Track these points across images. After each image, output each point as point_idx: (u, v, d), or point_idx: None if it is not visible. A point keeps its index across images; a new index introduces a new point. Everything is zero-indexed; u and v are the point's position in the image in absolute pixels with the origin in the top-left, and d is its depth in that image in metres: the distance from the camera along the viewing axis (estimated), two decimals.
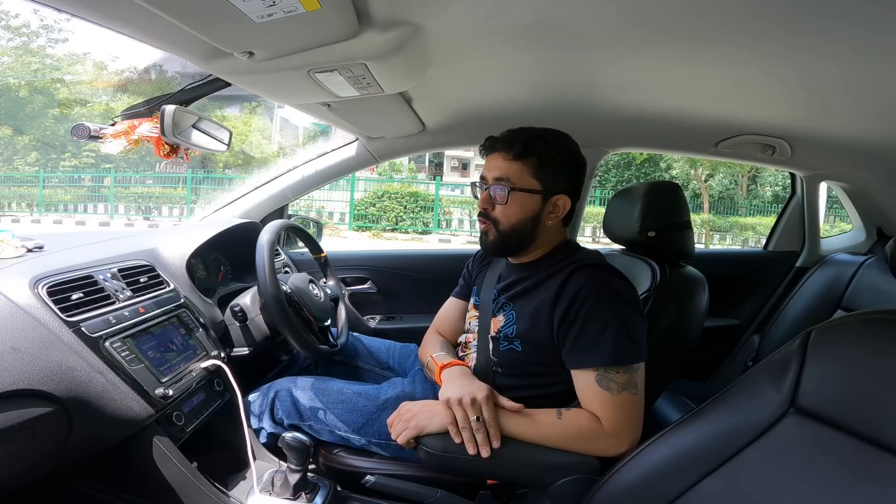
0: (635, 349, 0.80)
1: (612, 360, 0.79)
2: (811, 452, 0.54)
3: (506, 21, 0.76)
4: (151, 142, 0.95)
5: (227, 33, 0.69)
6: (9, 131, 11.77)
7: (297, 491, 0.90)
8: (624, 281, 0.86)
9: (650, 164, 12.69)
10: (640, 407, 0.81)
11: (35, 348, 0.66)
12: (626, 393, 0.79)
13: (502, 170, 0.88)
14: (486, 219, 0.91)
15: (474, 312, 1.03)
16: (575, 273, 0.85)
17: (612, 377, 0.79)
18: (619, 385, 0.79)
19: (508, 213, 0.88)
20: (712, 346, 1.82)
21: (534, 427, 0.81)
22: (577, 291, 0.82)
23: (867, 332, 0.56)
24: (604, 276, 0.85)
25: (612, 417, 0.78)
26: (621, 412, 0.78)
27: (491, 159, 0.90)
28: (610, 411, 0.79)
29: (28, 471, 0.68)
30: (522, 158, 0.87)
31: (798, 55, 0.79)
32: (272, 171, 1.57)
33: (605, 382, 0.79)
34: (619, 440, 0.78)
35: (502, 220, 0.89)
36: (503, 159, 0.88)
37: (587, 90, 1.13)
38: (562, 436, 0.79)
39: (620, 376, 0.79)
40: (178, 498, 0.83)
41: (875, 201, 1.70)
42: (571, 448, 0.79)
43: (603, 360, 0.79)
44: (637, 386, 0.80)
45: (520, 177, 0.87)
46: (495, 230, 0.90)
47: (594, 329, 0.80)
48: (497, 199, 0.88)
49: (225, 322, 1.10)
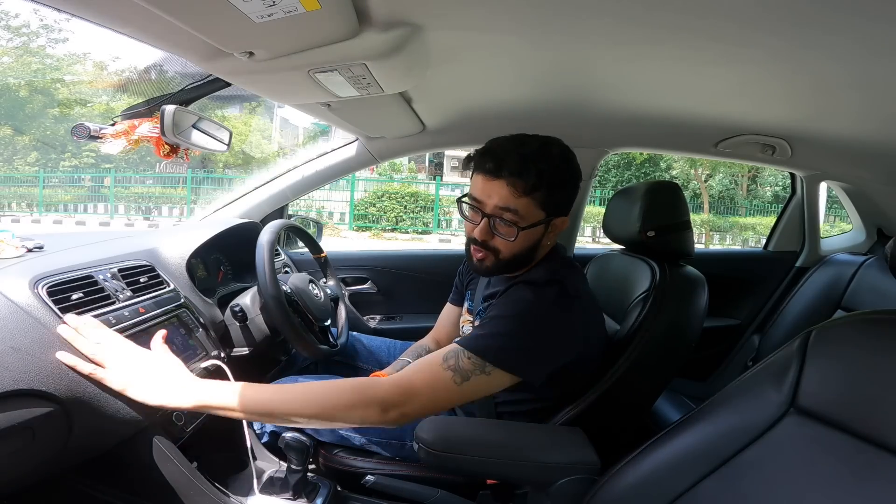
0: (504, 354, 0.75)
1: (477, 346, 0.75)
2: (811, 453, 0.54)
3: (506, 21, 0.76)
4: (151, 142, 0.95)
5: (227, 33, 0.69)
6: (9, 131, 11.77)
7: (297, 491, 0.90)
8: (563, 301, 0.80)
9: (650, 164, 12.69)
10: (442, 399, 0.74)
11: (35, 348, 0.66)
12: (450, 374, 0.73)
13: (508, 202, 0.78)
14: (485, 248, 0.83)
15: (468, 317, 1.04)
16: (514, 286, 0.83)
17: (462, 357, 0.74)
18: (458, 366, 0.73)
19: (512, 246, 0.82)
20: (712, 346, 1.82)
21: (281, 393, 0.75)
22: (500, 298, 0.82)
23: (867, 332, 0.56)
24: (531, 291, 0.80)
25: (403, 382, 0.73)
26: (421, 384, 0.73)
27: (492, 185, 0.79)
28: (412, 377, 0.74)
29: (28, 471, 0.68)
30: (532, 193, 0.78)
31: (798, 55, 0.78)
32: (272, 171, 1.57)
33: (450, 356, 0.75)
34: (386, 408, 0.71)
35: (504, 251, 0.83)
36: (511, 193, 0.78)
37: (587, 90, 1.13)
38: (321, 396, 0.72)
39: (469, 362, 0.74)
40: (178, 498, 0.83)
41: (875, 201, 1.70)
42: (333, 414, 0.72)
43: (470, 343, 0.76)
44: (468, 382, 0.73)
45: (528, 211, 0.79)
46: (494, 258, 0.84)
47: (486, 320, 0.79)
48: (500, 232, 0.81)
49: (225, 322, 1.10)
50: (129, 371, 0.70)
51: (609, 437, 0.88)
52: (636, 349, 0.95)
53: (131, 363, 0.71)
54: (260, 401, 0.72)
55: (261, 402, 0.72)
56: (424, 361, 0.78)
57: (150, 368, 0.72)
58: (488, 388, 0.76)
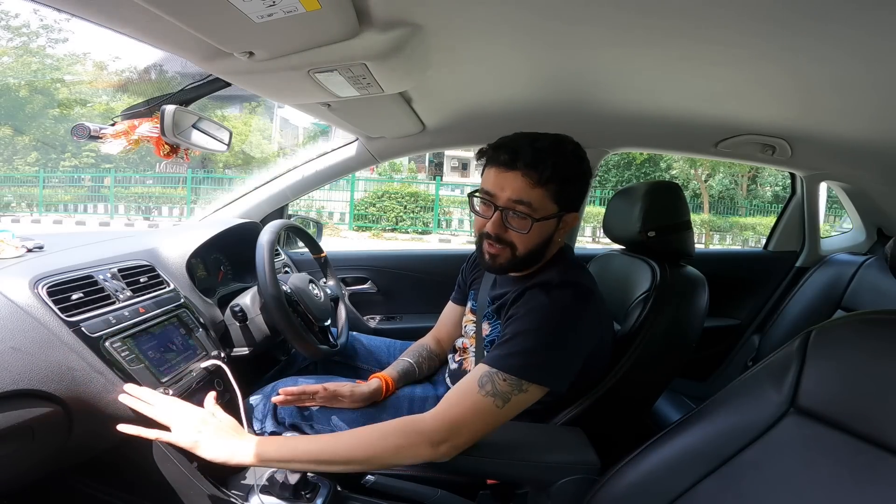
0: (537, 371, 0.75)
1: (509, 367, 0.74)
2: (811, 453, 0.54)
3: (506, 21, 0.76)
4: (151, 142, 0.95)
5: (227, 33, 0.69)
6: (9, 131, 11.77)
7: (297, 491, 0.90)
8: (574, 302, 0.80)
9: (650, 164, 12.69)
10: (488, 424, 0.74)
11: (35, 348, 0.66)
12: (491, 399, 0.73)
13: (522, 194, 0.79)
14: (499, 242, 0.83)
15: (471, 316, 1.03)
16: (528, 291, 0.82)
17: (498, 380, 0.74)
18: (495, 390, 0.73)
19: (526, 240, 0.82)
20: (712, 346, 1.82)
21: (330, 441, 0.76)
22: (518, 308, 0.81)
23: (867, 333, 0.56)
24: (548, 296, 0.80)
25: (447, 416, 0.73)
26: (465, 414, 0.73)
27: (506, 178, 0.79)
28: (454, 409, 0.73)
29: (28, 471, 0.68)
30: (546, 184, 0.79)
31: (799, 55, 0.79)
32: (272, 171, 1.57)
33: (485, 380, 0.74)
34: (438, 447, 0.71)
35: (519, 245, 0.83)
36: (526, 183, 0.78)
37: (587, 90, 1.13)
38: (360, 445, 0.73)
39: (505, 384, 0.74)
40: (178, 498, 0.83)
41: (875, 201, 1.70)
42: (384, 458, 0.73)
43: (501, 363, 0.75)
44: (509, 403, 0.73)
45: (541, 203, 0.80)
46: (510, 254, 0.83)
47: (510, 335, 0.78)
48: (514, 225, 0.81)
49: (225, 322, 1.10)
50: (194, 431, 0.73)
51: (609, 437, 0.88)
52: (637, 349, 0.95)
53: (195, 423, 0.74)
54: (313, 451, 0.74)
55: (314, 452, 0.74)
56: (461, 391, 0.76)
57: (213, 427, 0.75)
58: (526, 403, 0.76)
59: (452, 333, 1.15)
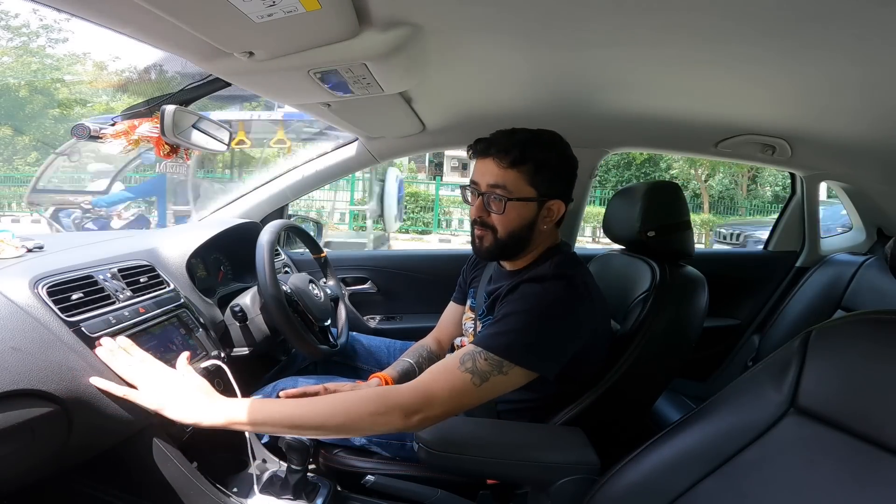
0: (521, 350, 0.76)
1: (493, 345, 0.75)
2: (811, 453, 0.54)
3: (506, 21, 0.76)
4: (151, 142, 0.95)
5: (227, 33, 0.69)
6: (9, 131, 11.76)
7: (297, 491, 0.90)
8: (566, 292, 0.82)
9: (650, 164, 12.69)
10: (463, 401, 0.75)
11: (35, 348, 0.66)
12: (469, 376, 0.74)
13: (497, 177, 0.85)
14: (483, 226, 0.89)
15: (470, 314, 1.04)
16: (522, 284, 0.84)
17: (479, 359, 0.75)
18: (475, 368, 0.74)
19: (505, 221, 0.87)
20: (712, 346, 1.82)
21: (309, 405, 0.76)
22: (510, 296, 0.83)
23: (867, 332, 0.56)
24: (540, 286, 0.82)
25: (423, 388, 0.74)
26: (441, 388, 0.73)
27: (483, 164, 0.87)
28: (431, 382, 0.74)
29: (28, 471, 0.68)
30: (518, 166, 0.84)
31: (798, 55, 0.79)
32: (272, 171, 1.58)
33: (466, 358, 0.75)
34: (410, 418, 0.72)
35: (499, 227, 0.88)
36: (498, 166, 0.85)
37: (587, 90, 1.13)
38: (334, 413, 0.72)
39: (485, 363, 0.75)
40: (178, 498, 0.83)
41: (875, 201, 1.70)
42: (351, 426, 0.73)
43: (486, 342, 0.77)
44: (487, 382, 0.74)
45: (515, 185, 0.85)
46: (492, 237, 0.88)
47: (499, 317, 0.80)
48: (493, 208, 0.86)
49: (225, 322, 1.10)
50: (162, 392, 0.72)
51: (609, 437, 0.88)
52: (636, 349, 0.95)
53: (164, 384, 0.73)
54: (286, 414, 0.73)
55: (287, 415, 0.73)
56: (442, 365, 0.78)
57: (182, 389, 0.74)
58: (505, 386, 0.77)
59: (453, 333, 1.15)
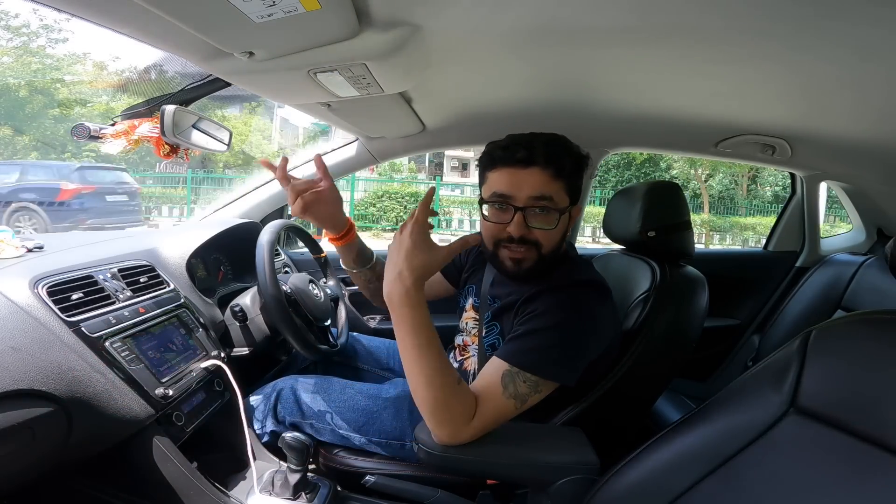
0: (554, 367, 0.76)
1: (529, 363, 0.74)
2: (811, 453, 0.54)
3: (506, 21, 0.76)
4: (151, 142, 0.95)
5: (227, 33, 0.69)
6: (9, 131, 11.75)
7: (297, 491, 0.90)
8: (593, 300, 0.80)
9: (650, 164, 12.68)
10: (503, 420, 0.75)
11: (35, 348, 0.66)
12: (512, 401, 0.74)
13: (543, 189, 0.78)
14: (523, 243, 0.80)
15: (472, 314, 1.03)
16: (543, 294, 0.81)
17: (519, 382, 0.74)
18: (517, 392, 0.74)
19: (552, 236, 0.80)
20: (712, 346, 1.82)
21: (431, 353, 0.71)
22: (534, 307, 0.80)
23: (867, 332, 0.56)
24: (571, 296, 0.80)
25: (481, 412, 0.73)
26: (490, 413, 0.73)
27: (526, 174, 0.79)
28: (485, 407, 0.73)
29: (28, 471, 0.68)
30: (562, 176, 0.80)
31: (798, 55, 0.79)
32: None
33: (508, 381, 0.74)
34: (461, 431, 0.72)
35: (545, 243, 0.81)
36: (546, 177, 0.78)
37: (587, 90, 1.13)
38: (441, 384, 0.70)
39: (525, 386, 0.74)
40: (178, 498, 0.83)
41: (875, 201, 1.70)
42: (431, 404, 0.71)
43: (520, 360, 0.74)
44: (526, 402, 0.74)
45: (559, 196, 0.80)
46: (536, 254, 0.81)
47: (528, 331, 0.77)
48: (539, 223, 0.80)
49: (225, 322, 1.10)
50: None
51: (609, 437, 0.88)
52: (637, 349, 0.95)
53: None
54: (428, 358, 0.70)
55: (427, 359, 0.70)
56: (489, 393, 0.74)
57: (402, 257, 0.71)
58: (536, 401, 0.76)
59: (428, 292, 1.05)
